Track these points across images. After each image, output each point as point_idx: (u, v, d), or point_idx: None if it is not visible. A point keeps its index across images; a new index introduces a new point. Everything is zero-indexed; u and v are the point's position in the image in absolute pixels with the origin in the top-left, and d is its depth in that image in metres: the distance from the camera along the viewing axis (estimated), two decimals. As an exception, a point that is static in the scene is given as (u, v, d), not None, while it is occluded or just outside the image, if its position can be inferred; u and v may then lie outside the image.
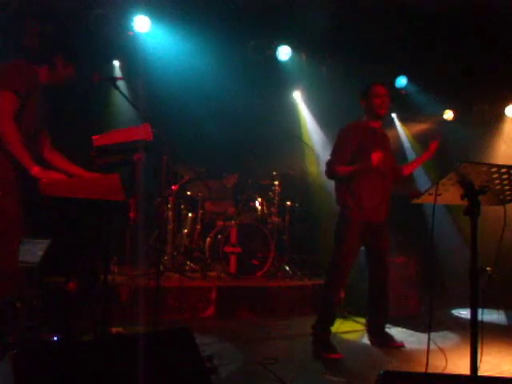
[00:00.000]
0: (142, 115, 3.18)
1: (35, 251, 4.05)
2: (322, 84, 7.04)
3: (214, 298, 5.11)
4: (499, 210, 2.61)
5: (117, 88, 3.15)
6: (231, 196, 6.70)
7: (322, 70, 6.82)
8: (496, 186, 2.44)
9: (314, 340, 3.97)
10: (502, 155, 7.18)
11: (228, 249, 5.82)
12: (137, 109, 3.20)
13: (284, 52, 6.74)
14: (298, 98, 7.86)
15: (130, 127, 3.29)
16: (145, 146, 2.96)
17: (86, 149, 3.02)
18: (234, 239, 5.86)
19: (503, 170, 2.36)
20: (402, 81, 7.06)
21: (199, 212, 6.30)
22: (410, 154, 7.58)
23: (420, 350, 3.86)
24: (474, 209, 2.41)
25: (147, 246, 5.88)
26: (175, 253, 6.08)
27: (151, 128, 2.99)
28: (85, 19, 5.57)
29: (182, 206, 6.53)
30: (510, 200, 2.58)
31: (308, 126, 7.86)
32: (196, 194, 6.37)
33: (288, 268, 6.21)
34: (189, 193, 6.49)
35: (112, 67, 6.55)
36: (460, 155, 3.98)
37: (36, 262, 4.01)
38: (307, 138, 7.73)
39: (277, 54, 6.74)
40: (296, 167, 7.32)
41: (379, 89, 4.00)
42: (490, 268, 2.38)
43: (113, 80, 3.16)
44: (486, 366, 2.76)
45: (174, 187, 6.11)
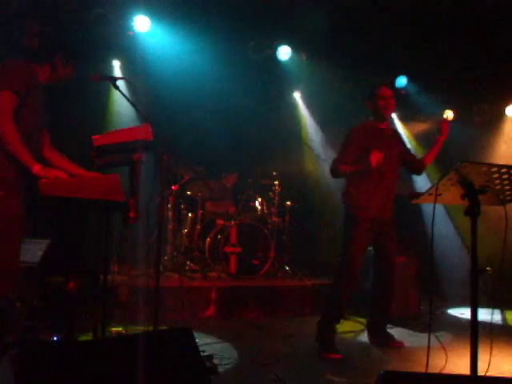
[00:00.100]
0: (142, 115, 3.18)
1: (35, 251, 4.05)
2: (321, 84, 7.03)
3: (214, 297, 5.12)
4: (498, 210, 2.61)
5: (117, 88, 3.15)
6: (231, 196, 6.71)
7: (322, 70, 6.82)
8: (496, 185, 2.44)
9: (317, 338, 3.98)
10: (503, 155, 7.18)
11: (228, 249, 5.82)
12: (137, 109, 3.20)
13: (284, 52, 6.75)
14: (297, 98, 7.86)
15: (130, 127, 3.29)
16: (145, 146, 2.96)
17: (86, 149, 3.02)
18: (233, 239, 5.86)
19: (503, 170, 2.36)
20: (402, 81, 7.06)
21: (199, 212, 6.30)
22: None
23: (420, 350, 3.86)
24: (474, 209, 2.41)
25: (147, 245, 5.88)
26: (175, 253, 6.08)
27: (151, 128, 2.98)
28: (85, 19, 5.58)
29: (182, 206, 6.53)
30: (510, 200, 2.58)
31: (308, 126, 7.85)
32: (196, 194, 6.37)
33: (288, 268, 6.21)
34: (189, 193, 6.49)
35: (112, 67, 6.55)
36: (460, 155, 3.97)
37: (36, 261, 4.01)
38: (307, 138, 7.73)
39: (277, 54, 6.74)
40: (296, 167, 7.32)
41: (384, 90, 4.05)
42: (490, 268, 2.38)
43: (113, 80, 3.16)
44: (485, 366, 2.75)
45: (173, 187, 6.12)
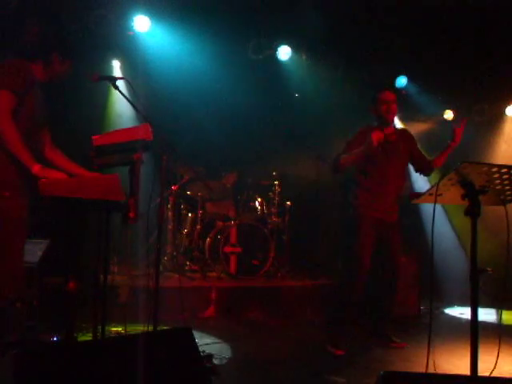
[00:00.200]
0: (142, 115, 3.18)
1: (35, 251, 4.05)
2: (322, 84, 7.03)
3: (214, 298, 5.11)
4: (495, 211, 2.61)
5: (116, 88, 3.14)
6: (231, 196, 6.70)
7: (322, 70, 6.82)
8: (496, 186, 2.44)
9: (327, 328, 4.05)
10: (503, 155, 7.18)
11: (228, 249, 5.82)
12: (136, 109, 3.19)
13: (284, 52, 6.75)
14: (296, 97, 7.84)
15: (130, 127, 3.28)
16: (144, 146, 2.96)
17: (86, 149, 3.01)
18: (233, 239, 5.86)
19: (504, 170, 2.36)
20: (402, 81, 7.06)
21: (199, 212, 6.30)
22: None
23: (420, 350, 3.86)
24: (474, 209, 2.41)
25: (147, 245, 5.88)
26: (175, 253, 6.08)
27: (151, 128, 2.98)
28: (85, 19, 5.57)
29: (182, 206, 6.53)
30: (511, 200, 2.57)
31: (307, 126, 7.83)
32: (196, 194, 6.36)
33: (288, 268, 6.21)
34: (189, 193, 6.48)
35: (112, 67, 6.54)
36: (460, 155, 3.97)
37: (36, 261, 4.01)
38: (307, 138, 7.72)
39: (277, 54, 6.74)
40: (296, 167, 7.31)
41: (386, 95, 4.10)
42: (490, 269, 2.38)
43: (112, 80, 3.15)
44: (486, 366, 2.75)
45: (174, 187, 6.11)
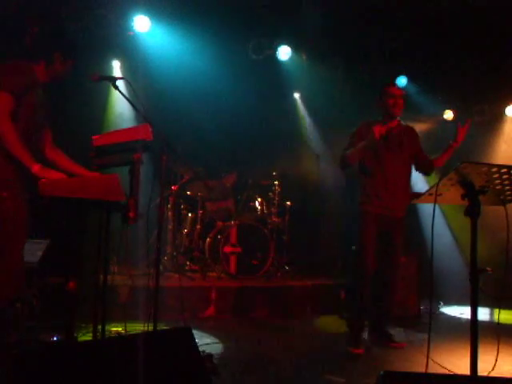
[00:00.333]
0: (142, 115, 3.18)
1: (35, 251, 4.05)
2: (322, 84, 7.03)
3: (214, 298, 5.11)
4: (492, 211, 2.62)
5: (116, 88, 3.14)
6: (231, 196, 6.70)
7: (322, 70, 6.82)
8: (496, 186, 2.44)
9: (346, 333, 4.12)
10: (503, 155, 7.17)
11: (228, 249, 5.82)
12: (136, 109, 3.19)
13: (284, 52, 6.75)
14: (297, 98, 7.86)
15: (130, 127, 3.28)
16: (144, 146, 2.96)
17: (86, 149, 3.01)
18: (233, 239, 5.86)
19: (503, 170, 2.35)
20: (402, 81, 7.06)
21: (199, 212, 6.30)
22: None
23: (420, 350, 3.86)
24: (474, 209, 2.41)
25: (147, 245, 5.88)
26: (175, 253, 6.07)
27: (151, 128, 2.98)
28: (85, 19, 5.57)
29: (182, 206, 6.52)
30: (511, 200, 2.57)
31: (308, 126, 7.85)
32: (196, 194, 6.36)
33: (288, 268, 6.21)
34: (189, 193, 6.48)
35: (112, 67, 6.54)
36: (460, 155, 3.97)
37: (36, 261, 4.01)
38: (307, 138, 7.73)
39: (277, 54, 6.74)
40: (296, 167, 7.32)
41: (393, 89, 4.14)
42: (490, 268, 2.38)
43: (112, 80, 3.15)
44: (485, 366, 2.75)
45: (173, 187, 6.11)
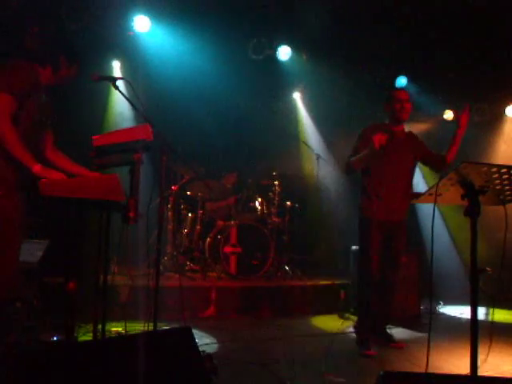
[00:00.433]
0: (142, 115, 3.18)
1: (35, 251, 4.05)
2: (321, 84, 7.03)
3: (214, 297, 5.11)
4: (491, 211, 2.62)
5: (116, 88, 3.14)
6: (231, 196, 6.70)
7: (322, 70, 6.82)
8: (496, 186, 2.44)
9: (358, 337, 4.13)
10: (502, 155, 7.18)
11: (228, 249, 5.82)
12: (136, 109, 3.20)
13: (284, 52, 6.76)
14: (297, 98, 7.86)
15: (130, 127, 3.28)
16: (144, 146, 2.96)
17: (86, 149, 3.02)
18: (233, 239, 5.86)
19: (503, 170, 2.35)
20: (402, 81, 7.07)
21: (199, 212, 6.30)
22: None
23: (420, 350, 3.86)
24: (474, 209, 2.41)
25: (147, 245, 5.88)
26: (175, 253, 6.08)
27: (151, 128, 2.98)
28: (85, 19, 5.57)
29: (182, 206, 6.52)
30: (510, 200, 2.57)
31: (307, 126, 7.85)
32: (196, 193, 6.36)
33: (288, 268, 6.21)
34: (189, 193, 6.48)
35: (112, 67, 6.55)
36: (460, 155, 3.98)
37: (36, 261, 4.01)
38: (307, 138, 7.73)
39: (277, 54, 6.75)
40: (296, 167, 7.32)
41: (400, 94, 4.16)
42: (489, 268, 2.38)
43: (112, 80, 3.15)
44: (485, 366, 2.75)
45: (174, 187, 6.11)
